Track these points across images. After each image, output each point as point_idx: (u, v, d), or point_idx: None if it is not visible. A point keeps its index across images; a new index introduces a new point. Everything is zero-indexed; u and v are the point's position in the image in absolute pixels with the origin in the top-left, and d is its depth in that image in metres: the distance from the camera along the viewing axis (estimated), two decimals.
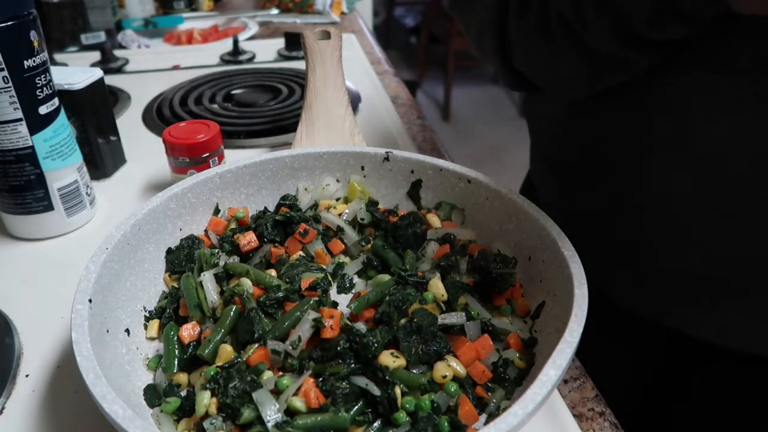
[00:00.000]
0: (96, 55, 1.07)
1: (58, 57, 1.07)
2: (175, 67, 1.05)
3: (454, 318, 0.40)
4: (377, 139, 0.73)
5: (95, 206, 0.62)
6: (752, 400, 0.52)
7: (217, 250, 0.48)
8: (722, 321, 0.49)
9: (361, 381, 0.36)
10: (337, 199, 0.54)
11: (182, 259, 0.47)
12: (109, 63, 1.03)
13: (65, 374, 0.43)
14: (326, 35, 0.69)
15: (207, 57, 1.10)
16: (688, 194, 0.45)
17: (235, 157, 0.53)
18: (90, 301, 0.37)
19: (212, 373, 0.37)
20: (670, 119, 0.44)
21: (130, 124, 0.83)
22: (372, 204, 0.53)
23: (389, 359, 0.36)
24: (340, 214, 0.51)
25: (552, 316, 0.40)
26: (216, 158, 0.61)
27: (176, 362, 0.40)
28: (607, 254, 0.53)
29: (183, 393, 0.38)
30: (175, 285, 0.46)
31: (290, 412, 0.35)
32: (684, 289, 0.49)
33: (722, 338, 0.49)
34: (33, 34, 0.51)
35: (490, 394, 0.37)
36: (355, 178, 0.54)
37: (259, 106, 0.87)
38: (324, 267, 0.47)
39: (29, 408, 0.41)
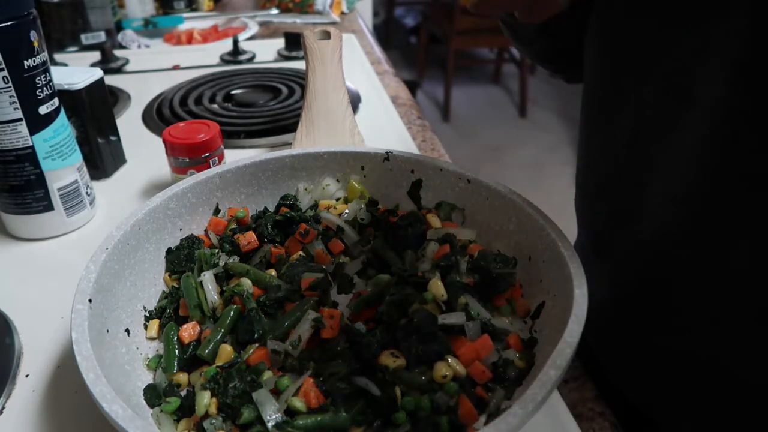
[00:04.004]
0: (96, 55, 1.07)
1: (58, 57, 1.07)
2: (175, 67, 1.05)
3: (454, 318, 0.40)
4: (377, 139, 0.73)
5: (95, 206, 0.62)
6: None
7: (217, 250, 0.48)
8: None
9: (361, 381, 0.36)
10: (337, 199, 0.54)
11: (182, 259, 0.47)
12: (109, 63, 1.03)
13: (65, 374, 0.43)
14: (326, 35, 0.69)
15: (207, 57, 1.10)
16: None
17: (235, 157, 0.53)
18: (90, 301, 0.37)
19: (212, 373, 0.37)
20: None
21: (130, 124, 0.83)
22: (372, 204, 0.53)
23: (389, 359, 0.36)
24: (340, 214, 0.51)
25: (552, 316, 0.40)
26: (216, 158, 0.61)
27: (176, 362, 0.40)
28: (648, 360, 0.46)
29: (183, 393, 0.38)
30: (175, 285, 0.46)
31: (290, 412, 0.35)
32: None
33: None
34: (33, 34, 0.51)
35: (490, 394, 0.37)
36: (355, 178, 0.54)
37: (259, 106, 0.87)
38: (324, 267, 0.47)
39: (29, 408, 0.41)
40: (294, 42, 1.09)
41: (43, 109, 0.53)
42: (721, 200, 0.36)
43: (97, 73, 0.65)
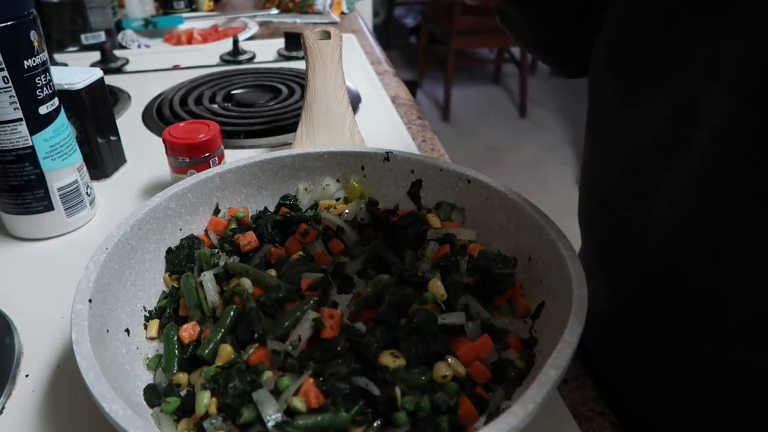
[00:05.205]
0: (96, 55, 1.07)
1: (58, 57, 1.07)
2: (175, 67, 1.05)
3: (454, 318, 0.40)
4: (377, 139, 0.73)
5: (95, 206, 0.62)
6: None
7: (217, 250, 0.48)
8: None
9: (361, 381, 0.36)
10: (337, 199, 0.54)
11: (182, 259, 0.47)
12: (109, 63, 1.03)
13: (65, 374, 0.43)
14: (326, 35, 0.69)
15: (207, 57, 1.10)
16: None
17: (235, 157, 0.53)
18: (90, 301, 0.37)
19: (212, 373, 0.37)
20: None
21: (130, 124, 0.83)
22: (372, 204, 0.53)
23: (389, 359, 0.36)
24: (340, 214, 0.51)
25: (552, 316, 0.40)
26: (216, 158, 0.61)
27: (176, 362, 0.40)
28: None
29: (183, 393, 0.38)
30: (175, 285, 0.46)
31: (290, 412, 0.35)
32: None
33: None
34: (33, 34, 0.51)
35: (490, 394, 0.37)
36: (355, 178, 0.54)
37: (259, 106, 0.87)
38: (324, 267, 0.47)
39: (29, 408, 0.41)
40: (294, 42, 1.09)
41: (43, 109, 0.53)
42: (729, 218, 0.36)
43: (97, 73, 0.65)
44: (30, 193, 0.55)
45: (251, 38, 1.23)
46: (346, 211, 0.51)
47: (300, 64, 1.02)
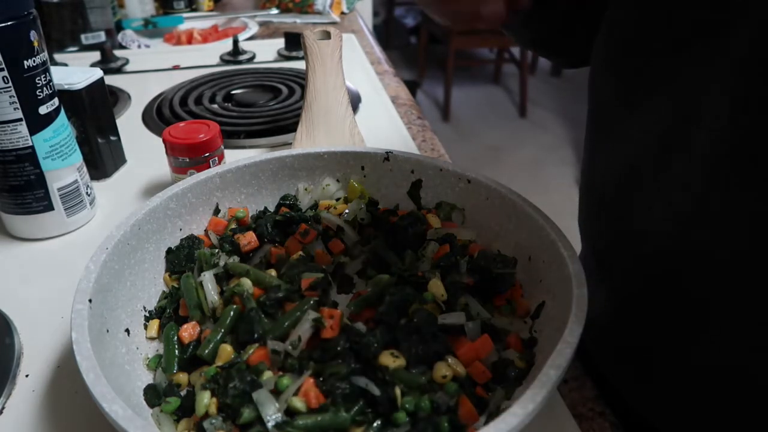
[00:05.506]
0: (96, 55, 1.07)
1: (58, 57, 1.07)
2: (175, 67, 1.05)
3: (454, 318, 0.40)
4: (377, 139, 0.74)
5: (95, 206, 0.62)
6: None
7: (217, 250, 0.48)
8: None
9: (361, 381, 0.36)
10: (337, 199, 0.54)
11: (182, 259, 0.47)
12: (109, 63, 1.03)
13: (65, 374, 0.43)
14: (326, 35, 0.69)
15: (207, 57, 1.10)
16: None
17: (235, 157, 0.53)
18: (90, 301, 0.37)
19: (212, 373, 0.37)
20: None
21: (130, 124, 0.83)
22: (372, 204, 0.53)
23: (389, 359, 0.36)
24: (340, 214, 0.51)
25: (552, 316, 0.40)
26: (216, 158, 0.61)
27: (176, 362, 0.40)
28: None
29: (183, 393, 0.38)
30: (175, 285, 0.46)
31: (290, 412, 0.35)
32: None
33: None
34: (33, 34, 0.51)
35: (490, 394, 0.37)
36: (355, 178, 0.54)
37: (259, 106, 0.87)
38: (324, 267, 0.47)
39: (29, 408, 0.41)
40: (294, 42, 1.09)
41: (43, 109, 0.53)
42: (729, 218, 0.35)
43: (97, 73, 0.65)
44: (30, 193, 0.55)
45: (251, 38, 1.23)
46: (346, 211, 0.51)
47: (300, 64, 1.02)
